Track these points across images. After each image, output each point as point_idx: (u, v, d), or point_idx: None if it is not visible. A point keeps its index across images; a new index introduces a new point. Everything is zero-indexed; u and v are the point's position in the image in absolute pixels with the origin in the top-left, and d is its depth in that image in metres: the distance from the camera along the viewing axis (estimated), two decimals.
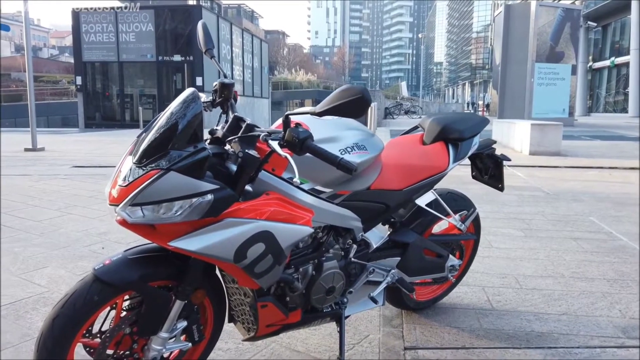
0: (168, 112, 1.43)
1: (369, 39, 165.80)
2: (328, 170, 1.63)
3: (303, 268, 1.74)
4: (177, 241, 1.37)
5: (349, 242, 1.88)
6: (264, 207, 1.47)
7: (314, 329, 2.29)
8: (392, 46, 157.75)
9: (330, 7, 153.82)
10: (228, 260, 1.42)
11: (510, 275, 2.96)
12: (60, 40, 78.83)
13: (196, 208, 1.35)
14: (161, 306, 1.52)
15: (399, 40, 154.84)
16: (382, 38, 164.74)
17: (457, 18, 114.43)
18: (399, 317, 2.42)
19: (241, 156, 1.45)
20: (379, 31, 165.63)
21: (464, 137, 2.11)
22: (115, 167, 1.47)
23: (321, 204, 1.66)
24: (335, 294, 1.82)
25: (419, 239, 2.11)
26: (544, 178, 6.50)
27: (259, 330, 1.69)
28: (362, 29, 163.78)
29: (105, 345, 1.49)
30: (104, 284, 1.44)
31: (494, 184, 2.39)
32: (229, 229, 1.41)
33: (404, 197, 1.96)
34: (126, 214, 1.36)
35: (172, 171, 1.33)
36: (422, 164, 2.01)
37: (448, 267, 2.27)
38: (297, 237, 1.53)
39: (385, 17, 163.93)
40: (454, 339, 2.21)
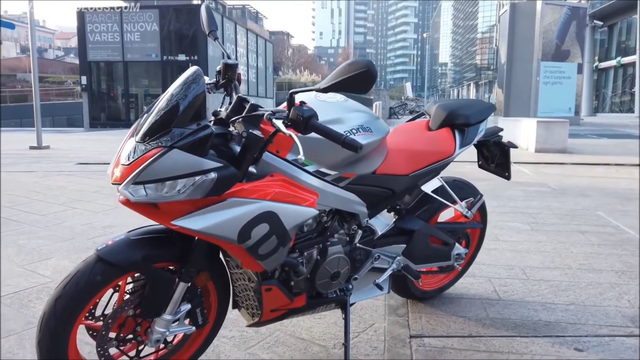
0: (171, 90, 1.41)
1: (374, 39, 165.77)
2: (333, 151, 1.61)
3: (308, 252, 1.72)
4: (181, 220, 1.35)
5: (354, 228, 1.85)
6: (268, 187, 1.46)
7: (318, 318, 2.27)
8: (397, 47, 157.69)
9: (334, 8, 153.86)
10: (232, 240, 1.40)
11: (516, 267, 2.93)
12: (66, 41, 79.27)
13: (199, 186, 1.34)
14: (164, 288, 1.51)
15: (404, 41, 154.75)
16: (387, 39, 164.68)
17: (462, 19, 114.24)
18: (404, 307, 2.40)
19: (245, 136, 1.43)
20: (384, 32, 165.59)
21: (471, 122, 2.09)
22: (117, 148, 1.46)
23: (326, 186, 1.64)
24: (340, 279, 1.80)
25: (424, 226, 2.09)
26: (550, 174, 6.45)
27: (264, 315, 1.67)
28: (366, 29, 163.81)
29: (108, 327, 1.48)
30: (107, 264, 1.42)
31: (501, 172, 2.36)
32: (232, 209, 1.39)
33: (409, 182, 1.94)
34: (129, 192, 1.34)
35: (175, 149, 1.32)
36: (428, 149, 1.99)
37: (454, 256, 2.24)
38: (302, 219, 1.51)
39: (390, 18, 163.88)
40: (461, 327, 2.18)
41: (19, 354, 1.96)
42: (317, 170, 1.61)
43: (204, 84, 1.41)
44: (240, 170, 1.42)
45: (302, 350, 2.00)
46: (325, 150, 1.59)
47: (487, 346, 2.02)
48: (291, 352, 1.98)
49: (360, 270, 1.93)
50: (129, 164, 1.36)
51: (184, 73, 1.45)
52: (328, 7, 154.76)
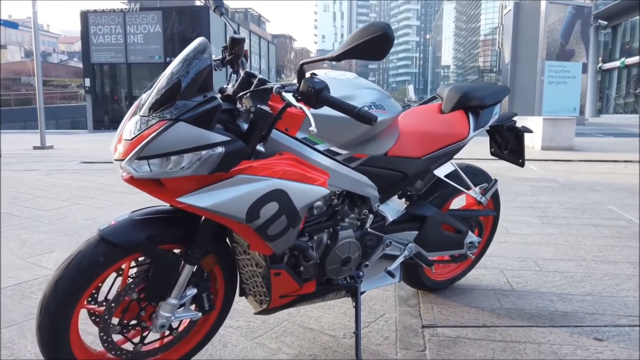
0: (176, 62, 1.36)
1: None
2: (345, 129, 1.55)
3: (318, 236, 1.66)
4: (186, 197, 1.29)
5: (365, 213, 1.79)
6: (277, 165, 1.40)
7: (327, 308, 2.21)
8: (399, 50, 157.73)
9: (337, 11, 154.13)
10: (240, 219, 1.34)
11: (529, 259, 2.86)
12: (70, 45, 79.61)
13: (206, 161, 1.28)
14: (170, 270, 1.45)
15: (406, 44, 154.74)
16: None
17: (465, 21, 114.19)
18: (415, 297, 2.33)
19: (253, 111, 1.37)
20: None
21: (485, 104, 2.02)
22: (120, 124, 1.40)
23: (337, 166, 1.58)
24: (350, 265, 1.74)
25: (437, 212, 2.03)
26: (557, 171, 6.37)
27: (272, 302, 1.61)
28: None
29: (110, 311, 1.42)
30: (109, 245, 1.37)
31: (514, 159, 2.29)
32: (240, 186, 1.33)
33: (422, 165, 1.88)
34: (132, 168, 1.28)
35: (181, 121, 1.26)
36: (441, 131, 1.93)
37: (467, 244, 2.17)
38: (313, 198, 1.45)
39: (392, 21, 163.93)
40: (474, 317, 2.11)
41: (19, 343, 1.90)
42: (327, 149, 1.55)
43: (210, 56, 1.35)
44: (248, 147, 1.36)
45: (311, 340, 1.93)
46: (336, 127, 1.53)
47: (502, 336, 1.95)
48: (300, 341, 1.92)
49: (371, 257, 1.86)
50: (132, 138, 1.30)
51: (189, 45, 1.39)
52: (330, 10, 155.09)
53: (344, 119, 1.53)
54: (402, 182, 1.85)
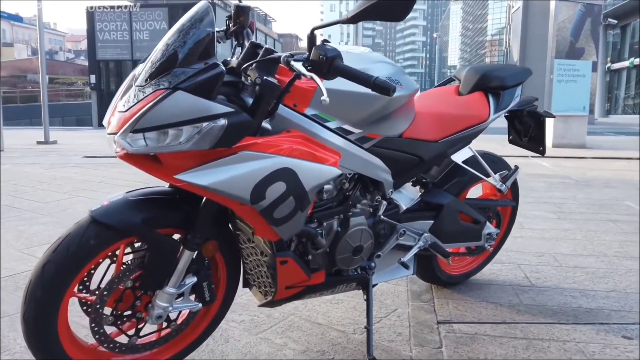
0: (176, 27, 1.24)
1: (382, 42, 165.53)
2: (358, 105, 1.43)
3: (327, 223, 1.54)
4: (185, 174, 1.18)
5: (378, 199, 1.67)
6: (284, 143, 1.28)
7: (335, 302, 2.09)
8: (406, 50, 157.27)
9: (343, 11, 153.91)
10: (244, 200, 1.22)
11: (547, 254, 2.72)
12: (76, 44, 79.83)
13: (207, 134, 1.16)
14: (167, 256, 1.33)
15: (412, 44, 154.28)
16: (396, 42, 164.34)
17: (471, 21, 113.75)
18: (428, 292, 2.20)
19: (259, 83, 1.25)
20: (392, 35, 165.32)
21: (507, 85, 1.89)
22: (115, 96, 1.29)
23: (349, 146, 1.46)
24: (362, 254, 1.62)
25: (454, 200, 1.90)
26: (570, 167, 6.21)
27: (278, 293, 1.49)
28: (375, 32, 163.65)
29: (102, 300, 1.30)
30: (102, 227, 1.25)
31: (534, 147, 2.16)
32: (245, 163, 1.21)
33: (439, 149, 1.75)
34: (127, 142, 1.17)
35: (180, 90, 1.14)
36: (459, 113, 1.80)
37: (485, 235, 2.04)
38: (323, 179, 1.33)
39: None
40: (492, 313, 1.98)
41: (8, 336, 1.79)
42: (339, 128, 1.43)
43: (213, 21, 1.23)
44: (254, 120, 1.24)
45: (319, 336, 1.81)
46: (349, 103, 1.41)
47: (524, 333, 1.82)
48: (307, 337, 1.80)
49: (384, 247, 1.74)
50: (126, 110, 1.19)
51: (191, 9, 1.28)
52: (336, 10, 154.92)
53: (357, 94, 1.41)
54: (417, 166, 1.73)
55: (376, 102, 1.44)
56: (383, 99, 1.44)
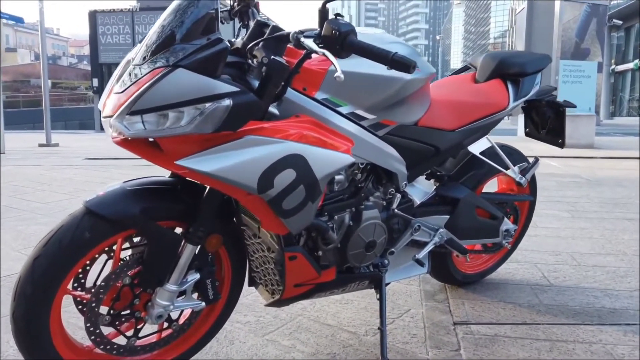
0: (172, 8, 1.15)
1: None
2: (373, 88, 1.34)
3: (338, 216, 1.44)
4: (187, 160, 1.08)
5: (392, 191, 1.57)
6: (293, 128, 1.19)
7: (345, 302, 1.99)
8: None
9: (345, 15, 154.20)
10: (250, 188, 1.13)
11: (564, 253, 2.61)
12: (79, 49, 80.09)
13: (210, 115, 1.06)
14: (169, 250, 1.24)
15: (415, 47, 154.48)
16: None
17: (474, 25, 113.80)
18: (442, 292, 2.10)
19: (266, 63, 1.16)
20: None
21: (526, 71, 1.79)
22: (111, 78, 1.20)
23: (363, 133, 1.36)
24: (375, 250, 1.52)
25: (471, 194, 1.80)
26: (580, 167, 6.10)
27: (286, 291, 1.39)
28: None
29: (98, 298, 1.21)
30: (97, 218, 1.16)
31: (553, 139, 2.05)
32: (251, 148, 1.12)
33: (455, 139, 1.65)
34: (123, 126, 1.08)
35: (181, 68, 1.05)
36: (477, 101, 1.70)
37: (502, 232, 1.94)
38: (335, 167, 1.23)
39: (400, 25, 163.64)
40: (511, 314, 1.88)
41: (2, 338, 1.69)
42: (352, 113, 1.34)
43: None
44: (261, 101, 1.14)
45: (328, 337, 1.71)
46: (363, 86, 1.32)
47: (546, 334, 1.71)
48: (316, 338, 1.70)
49: (397, 243, 1.64)
50: (123, 90, 1.10)
51: None
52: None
53: (371, 77, 1.31)
54: (433, 157, 1.63)
55: (391, 85, 1.34)
56: (399, 82, 1.35)
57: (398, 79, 1.34)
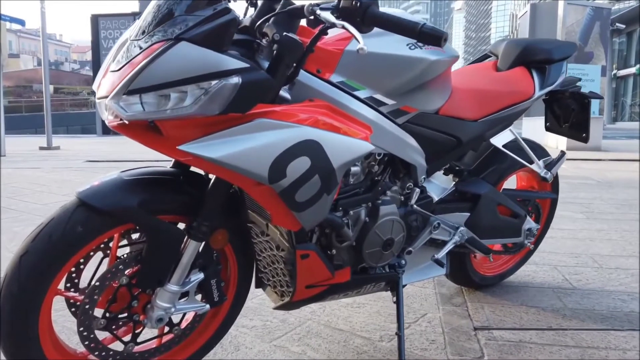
0: None
1: None
2: (393, 70, 1.23)
3: (354, 212, 1.32)
4: (190, 144, 0.97)
5: (410, 186, 1.46)
6: (307, 112, 1.08)
7: (357, 306, 1.87)
8: None
9: None
10: (260, 177, 1.02)
11: (583, 255, 2.50)
12: (82, 55, 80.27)
13: (217, 95, 0.96)
14: (170, 247, 1.12)
15: None
16: None
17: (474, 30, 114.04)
18: (459, 295, 1.98)
19: (278, 40, 1.05)
20: None
21: (553, 58, 1.68)
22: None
23: (381, 120, 1.25)
24: (393, 249, 1.41)
25: (492, 190, 1.69)
26: (589, 169, 5.99)
27: (297, 293, 1.28)
28: None
29: (92, 299, 1.10)
30: (91, 211, 1.05)
31: (577, 134, 1.93)
32: (262, 133, 1.01)
33: (478, 130, 1.54)
34: (120, 107, 0.97)
35: (184, 41, 0.95)
36: (500, 89, 1.59)
37: (525, 231, 1.83)
38: (354, 155, 1.12)
39: None
40: (535, 319, 1.76)
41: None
42: (370, 97, 1.23)
43: None
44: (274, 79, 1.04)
45: (341, 343, 1.59)
46: (382, 67, 1.21)
47: (575, 341, 1.59)
48: (328, 344, 1.58)
49: (415, 242, 1.53)
50: (119, 68, 0.99)
51: None
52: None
53: (392, 57, 1.21)
54: (454, 150, 1.52)
55: (414, 67, 1.23)
56: (422, 63, 1.24)
57: (422, 59, 1.24)
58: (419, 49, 1.24)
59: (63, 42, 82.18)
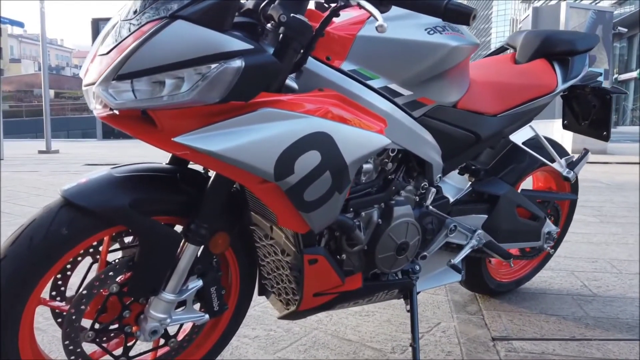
0: None
1: None
2: (411, 57, 1.13)
3: (366, 213, 1.22)
4: (187, 136, 0.87)
5: (424, 185, 1.35)
6: (317, 102, 0.97)
7: (365, 314, 1.76)
8: None
9: None
10: (265, 174, 0.91)
11: (601, 260, 2.39)
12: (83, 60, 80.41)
13: (217, 80, 0.85)
14: (166, 251, 1.02)
15: None
16: None
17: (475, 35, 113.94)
18: (473, 303, 1.87)
19: (284, 22, 0.95)
20: None
21: (577, 49, 1.58)
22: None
23: (397, 112, 1.15)
24: (407, 254, 1.30)
25: (511, 191, 1.58)
26: (597, 172, 5.88)
27: (304, 301, 1.17)
28: None
29: (79, 309, 0.99)
30: (77, 211, 0.94)
31: (596, 132, 1.82)
32: (267, 124, 0.90)
33: (497, 126, 1.44)
34: (109, 95, 0.87)
35: (180, 19, 0.84)
36: (521, 82, 1.49)
37: (544, 235, 1.72)
38: (368, 150, 1.02)
39: None
40: (557, 328, 1.65)
41: None
42: (385, 87, 1.12)
43: None
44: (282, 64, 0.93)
45: (350, 355, 1.48)
46: (399, 54, 1.11)
47: (602, 352, 1.48)
48: (336, 356, 1.47)
49: (431, 246, 1.42)
50: (108, 51, 0.89)
51: None
52: None
53: (410, 43, 1.11)
54: (472, 147, 1.41)
55: (434, 53, 1.13)
56: (443, 49, 1.14)
57: (442, 45, 1.14)
58: (439, 33, 1.14)
59: (64, 47, 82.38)
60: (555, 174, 1.77)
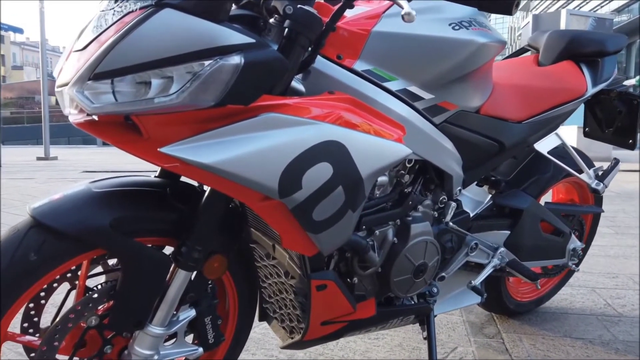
0: None
1: None
2: (433, 55, 1.00)
3: (380, 231, 1.09)
4: (177, 147, 0.74)
5: (443, 199, 1.22)
6: (327, 107, 0.85)
7: (375, 337, 1.62)
8: None
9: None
10: (269, 190, 0.78)
11: (621, 275, 2.25)
12: None
13: (212, 79, 0.72)
14: (152, 277, 0.88)
15: None
16: None
17: None
18: (491, 324, 1.73)
19: (290, 14, 0.82)
20: None
21: (608, 50, 1.46)
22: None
23: (416, 119, 1.02)
24: (426, 276, 1.17)
25: (535, 204, 1.45)
26: None
27: (310, 331, 1.04)
28: None
29: (52, 345, 0.85)
30: (48, 233, 0.81)
31: (621, 140, 1.68)
32: (270, 131, 0.77)
33: (523, 133, 1.31)
34: (85, 97, 0.74)
35: (168, 7, 0.72)
36: (547, 86, 1.36)
37: (569, 251, 1.59)
38: (387, 161, 0.89)
39: None
40: (584, 354, 1.51)
41: None
42: (403, 90, 1.00)
43: None
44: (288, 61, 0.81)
45: None
46: (420, 52, 0.98)
47: None
48: None
49: (450, 265, 1.29)
50: (85, 46, 0.76)
51: None
52: None
53: (432, 40, 0.98)
54: (495, 157, 1.29)
55: (459, 51, 1.01)
56: (470, 46, 1.02)
57: (469, 42, 1.01)
58: (465, 29, 1.01)
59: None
60: (579, 185, 1.64)
